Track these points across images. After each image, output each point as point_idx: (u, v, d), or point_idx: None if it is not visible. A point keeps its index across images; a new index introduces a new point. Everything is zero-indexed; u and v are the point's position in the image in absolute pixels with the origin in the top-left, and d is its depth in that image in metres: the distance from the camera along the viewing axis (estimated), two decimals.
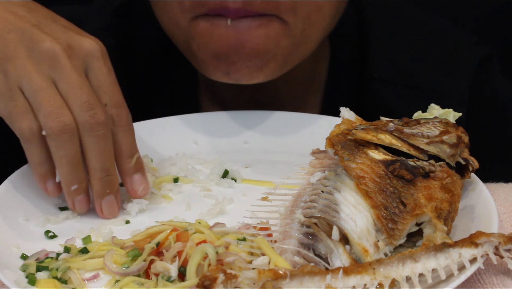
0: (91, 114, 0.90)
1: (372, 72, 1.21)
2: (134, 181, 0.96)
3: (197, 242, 0.83)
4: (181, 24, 1.05)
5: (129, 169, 0.96)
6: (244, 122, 1.12)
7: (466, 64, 1.23)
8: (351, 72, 1.23)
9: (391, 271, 0.77)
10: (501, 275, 0.83)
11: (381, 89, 1.21)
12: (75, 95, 0.90)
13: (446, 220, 0.85)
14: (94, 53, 0.93)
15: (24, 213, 0.94)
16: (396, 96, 1.21)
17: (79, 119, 0.90)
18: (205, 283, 0.74)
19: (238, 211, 0.93)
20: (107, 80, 0.93)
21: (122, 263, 0.84)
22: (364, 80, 1.22)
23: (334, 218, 0.83)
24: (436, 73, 1.22)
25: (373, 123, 0.95)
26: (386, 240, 0.83)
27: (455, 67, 1.23)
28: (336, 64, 1.23)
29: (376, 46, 1.23)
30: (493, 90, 1.25)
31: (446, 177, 0.87)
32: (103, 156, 0.92)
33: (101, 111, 0.91)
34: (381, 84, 1.21)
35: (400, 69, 1.22)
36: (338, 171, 0.89)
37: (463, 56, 1.24)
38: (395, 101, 1.20)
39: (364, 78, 1.22)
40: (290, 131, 1.11)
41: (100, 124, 0.91)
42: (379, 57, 1.22)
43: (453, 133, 0.92)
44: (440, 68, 1.23)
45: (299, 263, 0.80)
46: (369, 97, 1.22)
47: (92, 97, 0.91)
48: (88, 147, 0.91)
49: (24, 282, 0.82)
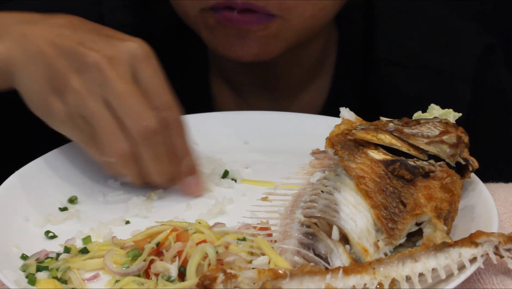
0: (141, 123, 0.91)
1: (378, 54, 1.23)
2: (187, 182, 0.97)
3: (197, 242, 0.83)
4: (191, 14, 1.08)
5: (182, 170, 0.96)
6: (244, 122, 1.12)
7: (471, 48, 1.25)
8: (359, 55, 1.25)
9: (391, 270, 0.77)
10: (501, 275, 0.83)
11: (387, 71, 1.23)
12: (124, 106, 0.91)
13: (446, 220, 0.85)
14: (137, 57, 0.93)
15: (24, 213, 0.94)
16: (403, 77, 1.23)
17: (132, 130, 0.91)
18: (205, 283, 0.74)
19: (238, 211, 0.93)
20: (155, 82, 0.93)
21: (122, 263, 0.84)
22: (371, 62, 1.24)
23: (334, 218, 0.83)
24: (442, 54, 1.24)
25: (373, 123, 0.95)
26: (386, 240, 0.83)
27: (460, 49, 1.25)
28: (345, 48, 1.25)
29: (382, 29, 1.25)
30: (496, 77, 1.27)
31: (446, 176, 0.87)
32: (159, 160, 0.93)
33: (151, 117, 0.91)
34: (387, 66, 1.23)
35: (406, 51, 1.24)
36: (338, 171, 0.89)
37: (468, 40, 1.26)
38: (401, 82, 1.22)
39: (371, 60, 1.24)
40: (290, 132, 1.11)
41: (152, 130, 0.91)
42: (385, 39, 1.25)
43: (453, 133, 0.92)
44: (445, 50, 1.25)
45: (299, 263, 0.80)
46: (376, 78, 1.24)
47: (141, 104, 0.91)
48: (145, 154, 0.92)
49: (24, 282, 0.82)
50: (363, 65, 1.25)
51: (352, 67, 1.25)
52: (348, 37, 1.25)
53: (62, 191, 0.98)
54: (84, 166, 1.02)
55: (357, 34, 1.25)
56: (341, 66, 1.25)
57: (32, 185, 0.97)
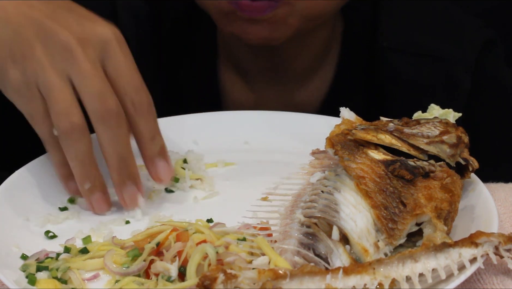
0: (101, 104, 0.90)
1: (382, 41, 1.25)
2: (156, 165, 0.96)
3: (197, 242, 0.83)
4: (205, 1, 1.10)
5: (151, 153, 0.95)
6: (244, 122, 1.12)
7: (472, 39, 1.26)
8: (364, 44, 1.27)
9: (391, 271, 0.77)
10: (501, 275, 0.83)
11: (391, 58, 1.25)
12: (87, 86, 0.90)
13: (446, 220, 0.85)
14: (108, 41, 0.92)
15: (24, 213, 0.94)
16: (406, 64, 1.24)
17: (90, 109, 0.90)
18: (205, 283, 0.74)
19: (238, 211, 0.93)
20: (124, 66, 0.93)
21: (122, 263, 0.84)
22: (375, 50, 1.26)
23: (334, 218, 0.83)
24: (444, 43, 1.26)
25: (373, 123, 0.95)
26: (386, 240, 0.83)
27: (462, 40, 1.26)
28: (350, 37, 1.27)
29: (386, 18, 1.27)
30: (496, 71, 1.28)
31: (446, 177, 0.87)
32: (117, 144, 0.91)
33: (112, 99, 0.90)
34: (391, 53, 1.25)
35: (409, 39, 1.26)
36: (338, 171, 0.89)
37: (470, 32, 1.27)
38: (405, 69, 1.24)
39: (375, 48, 1.26)
40: (290, 131, 1.11)
41: (111, 112, 0.90)
42: (389, 27, 1.26)
43: (453, 134, 0.92)
44: (447, 39, 1.26)
45: (299, 263, 0.80)
46: (381, 66, 1.25)
47: (104, 86, 0.90)
48: (101, 136, 0.91)
49: (24, 282, 0.82)
50: (368, 53, 1.27)
51: (357, 55, 1.27)
52: (353, 27, 1.27)
53: (62, 191, 0.98)
54: None
55: (362, 24, 1.27)
56: (346, 54, 1.27)
57: (32, 185, 0.97)
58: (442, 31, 1.28)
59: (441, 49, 1.25)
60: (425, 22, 1.28)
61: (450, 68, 1.14)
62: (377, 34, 1.26)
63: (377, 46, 1.25)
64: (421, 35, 1.27)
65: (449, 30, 1.28)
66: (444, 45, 1.26)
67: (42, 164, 1.00)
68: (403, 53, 1.25)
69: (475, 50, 1.25)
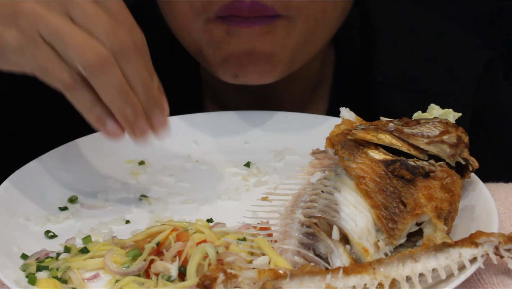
0: (116, 39, 0.85)
1: (376, 76, 1.21)
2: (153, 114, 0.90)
3: (197, 241, 0.83)
4: (195, 28, 1.05)
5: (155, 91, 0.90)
6: (244, 122, 1.12)
7: (470, 69, 1.23)
8: (356, 76, 1.23)
9: (391, 271, 0.77)
10: (501, 275, 0.83)
11: (385, 93, 1.21)
12: (95, 22, 0.84)
13: (446, 220, 0.85)
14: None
15: (24, 213, 0.94)
16: (401, 100, 1.20)
17: (110, 47, 0.85)
18: (205, 283, 0.74)
19: (238, 211, 0.93)
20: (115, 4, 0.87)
21: (122, 263, 0.84)
22: (369, 84, 1.22)
23: (334, 218, 0.83)
24: (441, 78, 1.22)
25: (373, 123, 0.95)
26: (386, 240, 0.83)
27: (459, 72, 1.23)
28: (342, 68, 1.23)
29: (380, 50, 1.23)
30: (495, 94, 1.25)
31: (446, 176, 0.87)
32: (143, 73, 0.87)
33: (124, 33, 0.86)
34: (385, 88, 1.21)
35: (404, 73, 1.22)
36: (338, 171, 0.89)
37: (467, 61, 1.24)
38: (399, 105, 1.19)
39: (368, 82, 1.22)
40: (291, 132, 1.11)
41: (128, 46, 0.85)
42: (383, 61, 1.22)
43: (453, 134, 0.92)
44: (444, 73, 1.23)
45: (299, 263, 0.80)
46: (374, 101, 1.22)
47: (112, 20, 0.85)
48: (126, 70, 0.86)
49: (24, 281, 0.82)
50: (361, 87, 1.22)
51: (349, 88, 1.22)
52: (345, 57, 1.22)
53: (62, 191, 0.98)
54: (84, 165, 1.02)
55: (354, 54, 1.23)
56: (338, 88, 1.22)
57: (32, 184, 0.97)
58: (439, 64, 1.23)
59: (438, 85, 1.21)
60: (420, 54, 1.23)
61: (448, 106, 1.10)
62: (370, 66, 1.21)
63: (370, 80, 1.21)
64: (417, 70, 1.22)
65: (446, 61, 1.23)
66: (442, 81, 1.21)
67: (42, 164, 1.00)
68: (399, 89, 1.20)
69: (474, 82, 1.21)
